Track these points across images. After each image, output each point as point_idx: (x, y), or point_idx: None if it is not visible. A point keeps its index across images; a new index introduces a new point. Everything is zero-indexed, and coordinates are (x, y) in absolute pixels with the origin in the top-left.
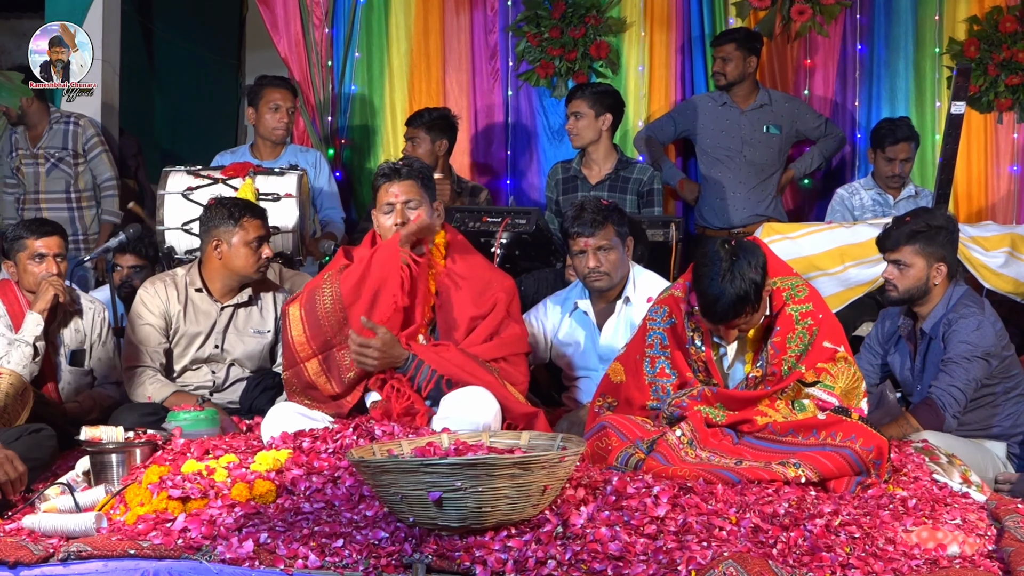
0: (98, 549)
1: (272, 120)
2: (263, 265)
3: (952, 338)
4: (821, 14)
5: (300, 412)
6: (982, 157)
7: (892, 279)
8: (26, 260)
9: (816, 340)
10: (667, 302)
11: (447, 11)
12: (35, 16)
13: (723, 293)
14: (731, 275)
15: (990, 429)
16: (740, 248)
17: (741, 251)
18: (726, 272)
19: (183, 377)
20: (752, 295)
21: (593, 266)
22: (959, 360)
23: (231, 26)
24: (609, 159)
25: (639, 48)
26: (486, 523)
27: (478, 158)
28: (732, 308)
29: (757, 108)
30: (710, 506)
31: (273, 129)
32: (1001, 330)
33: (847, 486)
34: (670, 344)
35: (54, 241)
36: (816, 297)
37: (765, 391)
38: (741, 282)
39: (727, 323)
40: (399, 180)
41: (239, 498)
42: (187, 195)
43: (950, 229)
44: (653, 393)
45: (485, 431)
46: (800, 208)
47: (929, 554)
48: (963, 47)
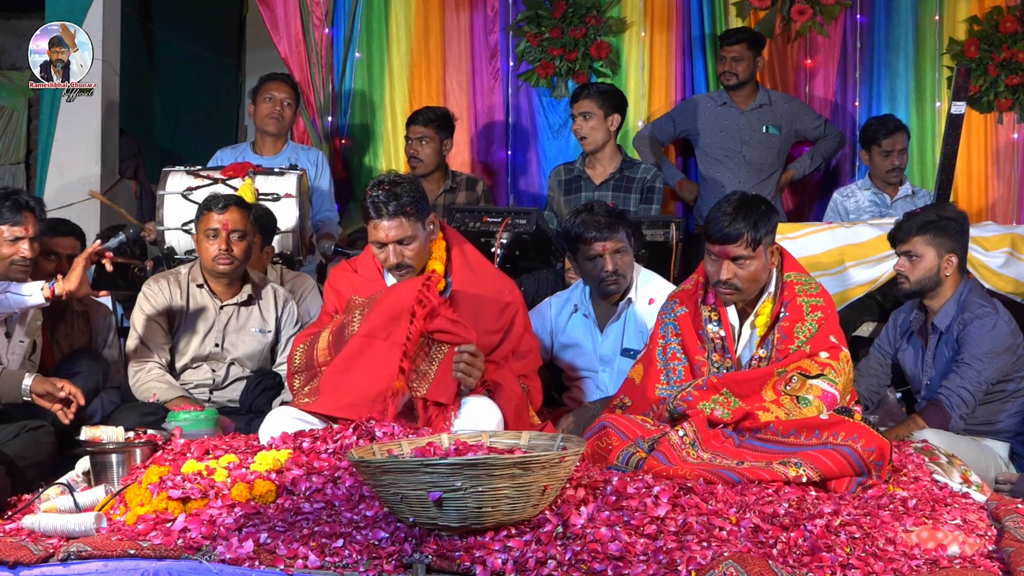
0: (98, 549)
1: (265, 110)
2: (222, 259)
3: (967, 339)
4: (821, 14)
5: (297, 417)
6: (982, 157)
7: (903, 271)
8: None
9: (822, 331)
10: (678, 295)
11: (447, 11)
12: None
13: (729, 198)
14: (741, 193)
15: (995, 425)
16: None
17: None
18: (737, 193)
19: (183, 375)
20: (755, 211)
21: (611, 269)
22: (972, 361)
23: (231, 26)
24: (614, 159)
25: (639, 48)
26: (486, 523)
27: (478, 158)
28: (736, 213)
29: (757, 108)
30: (710, 506)
31: (267, 118)
32: (1015, 328)
33: (848, 486)
34: (681, 331)
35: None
36: (826, 295)
37: (771, 368)
38: (748, 196)
39: (726, 236)
40: (388, 218)
41: (239, 498)
42: (187, 195)
43: (960, 222)
44: (664, 378)
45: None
46: (800, 208)
47: (929, 554)
48: (963, 47)
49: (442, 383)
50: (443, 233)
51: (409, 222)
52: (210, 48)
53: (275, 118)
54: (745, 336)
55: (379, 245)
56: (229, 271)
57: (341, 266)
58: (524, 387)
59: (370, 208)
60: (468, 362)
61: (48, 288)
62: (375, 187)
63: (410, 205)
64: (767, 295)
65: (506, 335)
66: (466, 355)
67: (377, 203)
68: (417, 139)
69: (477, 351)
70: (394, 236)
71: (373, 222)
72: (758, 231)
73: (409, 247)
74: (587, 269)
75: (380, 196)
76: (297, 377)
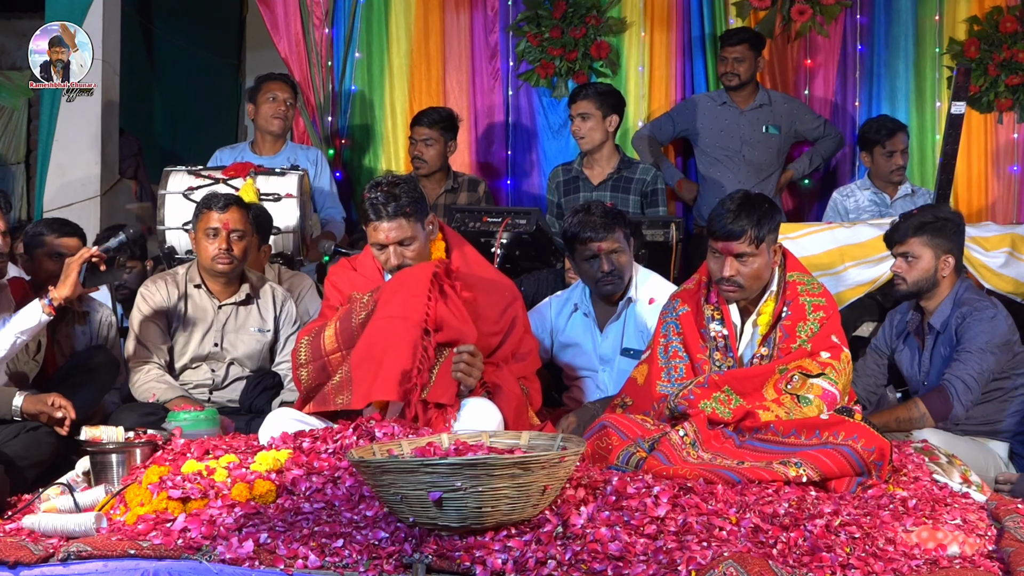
0: (98, 549)
1: (269, 110)
2: (222, 258)
3: (966, 330)
4: (821, 14)
5: (297, 418)
6: (982, 157)
7: (900, 272)
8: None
9: (824, 331)
10: (680, 295)
11: (447, 11)
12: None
13: (733, 196)
14: (744, 191)
15: (997, 424)
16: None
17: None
18: (741, 191)
19: (183, 375)
20: (759, 209)
21: (607, 270)
22: (973, 351)
23: (231, 26)
24: (612, 160)
25: (639, 48)
26: (486, 523)
27: (479, 158)
28: (740, 210)
29: (756, 108)
30: (710, 506)
31: (271, 118)
32: (1012, 324)
33: (848, 486)
34: (683, 330)
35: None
36: (828, 295)
37: (772, 365)
38: (751, 194)
39: (730, 233)
40: (388, 219)
41: (239, 498)
42: (188, 195)
43: (957, 223)
44: (665, 376)
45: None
46: (799, 208)
47: (929, 554)
48: (963, 47)
49: (442, 384)
50: (442, 234)
51: (409, 223)
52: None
53: (280, 118)
54: (747, 335)
55: (379, 247)
56: (228, 271)
57: (341, 263)
58: (524, 388)
59: (369, 210)
60: (468, 362)
61: (47, 305)
62: (373, 188)
63: (409, 206)
64: (769, 294)
65: (506, 337)
66: (465, 355)
67: (376, 204)
68: (422, 141)
69: (476, 351)
70: (394, 237)
71: (373, 224)
72: (761, 228)
73: (409, 248)
74: (584, 269)
75: (379, 197)
76: (303, 369)
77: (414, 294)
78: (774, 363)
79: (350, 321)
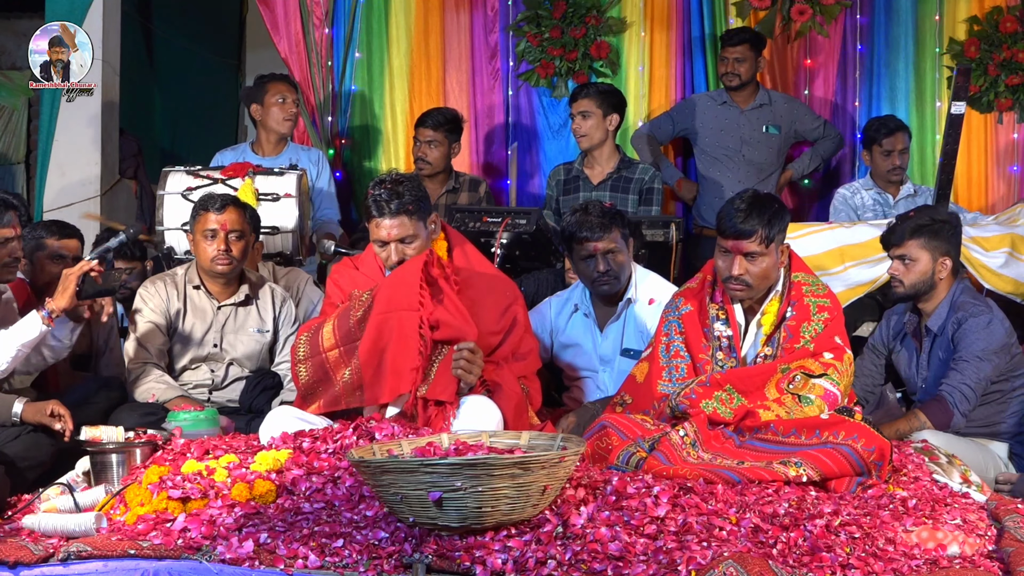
0: (98, 549)
1: (280, 112)
2: (220, 259)
3: (963, 337)
4: (821, 14)
5: (298, 417)
6: (982, 157)
7: (897, 274)
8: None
9: (827, 331)
10: (684, 293)
11: (447, 11)
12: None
13: (742, 195)
14: (753, 190)
15: (997, 426)
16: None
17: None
18: (750, 190)
19: (182, 376)
20: (769, 209)
21: (603, 270)
22: (970, 359)
23: (231, 26)
24: (612, 159)
25: (639, 48)
26: (486, 523)
27: (479, 158)
28: (750, 209)
29: (756, 108)
30: (710, 506)
31: (283, 120)
32: (1010, 327)
33: (848, 486)
34: (686, 329)
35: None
36: (833, 297)
37: (775, 364)
38: (760, 193)
39: (740, 232)
40: (390, 216)
41: (239, 498)
42: (187, 195)
43: (954, 224)
44: (666, 375)
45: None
46: (799, 208)
47: (929, 554)
48: (963, 47)
49: (441, 381)
50: (444, 233)
51: (411, 221)
52: (210, 48)
53: (290, 120)
54: (751, 334)
55: (381, 244)
56: (228, 271)
57: (343, 262)
58: (524, 388)
59: (372, 207)
60: (468, 359)
61: (46, 317)
62: (377, 186)
63: (412, 204)
64: (774, 294)
65: (506, 336)
66: (465, 352)
67: (379, 201)
68: (426, 142)
69: (476, 348)
70: (396, 235)
71: (375, 220)
72: (771, 228)
73: (411, 246)
74: (581, 269)
75: (382, 195)
76: (302, 366)
77: (407, 283)
78: (776, 362)
79: (348, 318)
